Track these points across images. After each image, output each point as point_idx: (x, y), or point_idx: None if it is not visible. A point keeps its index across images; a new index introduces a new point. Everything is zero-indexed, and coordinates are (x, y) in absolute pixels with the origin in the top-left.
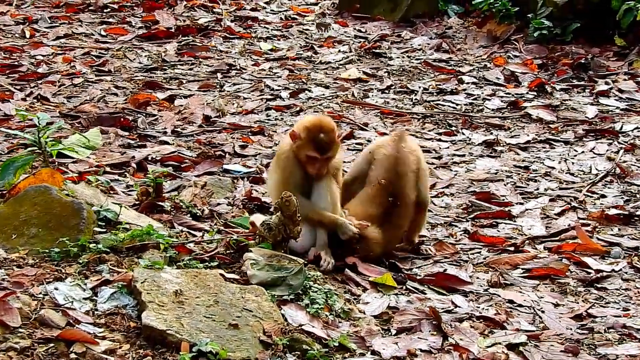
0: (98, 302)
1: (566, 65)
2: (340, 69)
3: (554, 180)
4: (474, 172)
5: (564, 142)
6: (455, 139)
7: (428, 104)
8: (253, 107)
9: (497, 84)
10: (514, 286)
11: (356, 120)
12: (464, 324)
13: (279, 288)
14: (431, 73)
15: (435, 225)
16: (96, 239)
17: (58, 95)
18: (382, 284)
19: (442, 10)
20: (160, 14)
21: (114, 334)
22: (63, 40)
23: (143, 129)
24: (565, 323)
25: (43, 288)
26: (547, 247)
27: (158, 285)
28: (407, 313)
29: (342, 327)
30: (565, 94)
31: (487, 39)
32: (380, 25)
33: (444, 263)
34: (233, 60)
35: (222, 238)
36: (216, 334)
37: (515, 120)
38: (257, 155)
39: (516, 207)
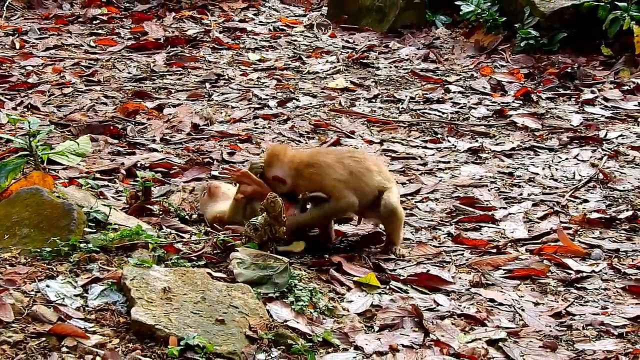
0: (88, 298)
1: (552, 74)
2: (328, 79)
3: (538, 185)
4: (459, 178)
5: (549, 149)
6: (441, 147)
7: (414, 112)
8: (241, 115)
9: (483, 93)
10: (495, 286)
11: (343, 129)
12: (445, 321)
13: (265, 286)
14: (418, 82)
15: (420, 228)
16: (86, 239)
17: (48, 104)
18: (366, 283)
19: (429, 20)
20: (149, 25)
21: (104, 328)
22: (53, 51)
23: (132, 136)
24: (544, 321)
25: (35, 285)
26: (529, 249)
27: (147, 282)
28: (389, 311)
29: (326, 323)
30: (551, 103)
31: (475, 49)
32: (368, 35)
33: (427, 264)
34: (221, 70)
35: (209, 238)
36: (203, 329)
37: (500, 128)
38: (244, 162)
39: (499, 211)
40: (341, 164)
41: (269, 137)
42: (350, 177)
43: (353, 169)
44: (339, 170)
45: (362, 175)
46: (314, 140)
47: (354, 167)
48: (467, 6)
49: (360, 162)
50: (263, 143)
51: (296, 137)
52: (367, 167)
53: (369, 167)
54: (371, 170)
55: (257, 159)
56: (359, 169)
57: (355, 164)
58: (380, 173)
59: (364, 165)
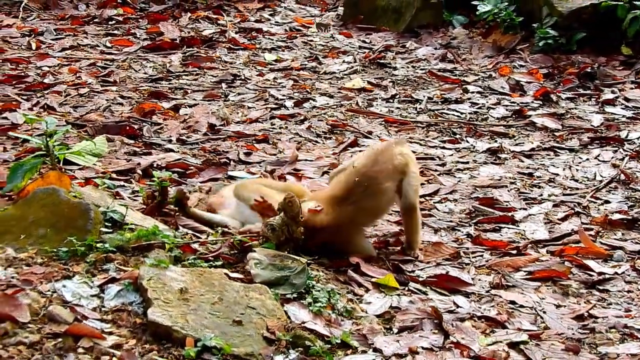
0: (105, 299)
1: (572, 74)
2: (345, 79)
3: (558, 186)
4: (478, 179)
5: (569, 149)
6: (460, 147)
7: (432, 112)
8: (257, 116)
9: (502, 93)
10: (516, 288)
11: (360, 129)
12: (465, 324)
13: (282, 287)
14: (436, 83)
15: (438, 229)
16: (103, 239)
17: (64, 105)
18: (385, 285)
19: (446, 20)
20: (165, 25)
21: (121, 329)
22: (69, 51)
23: (148, 137)
24: (566, 323)
25: (51, 286)
26: (550, 250)
27: (163, 282)
28: (409, 313)
29: (344, 325)
30: (571, 103)
31: (492, 49)
32: (384, 36)
33: (446, 265)
34: (237, 70)
35: (226, 239)
36: (220, 330)
37: (519, 129)
38: (261, 162)
39: (519, 212)
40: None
41: (286, 138)
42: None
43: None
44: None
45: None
46: (331, 140)
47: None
48: (484, 6)
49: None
50: (280, 143)
51: (313, 138)
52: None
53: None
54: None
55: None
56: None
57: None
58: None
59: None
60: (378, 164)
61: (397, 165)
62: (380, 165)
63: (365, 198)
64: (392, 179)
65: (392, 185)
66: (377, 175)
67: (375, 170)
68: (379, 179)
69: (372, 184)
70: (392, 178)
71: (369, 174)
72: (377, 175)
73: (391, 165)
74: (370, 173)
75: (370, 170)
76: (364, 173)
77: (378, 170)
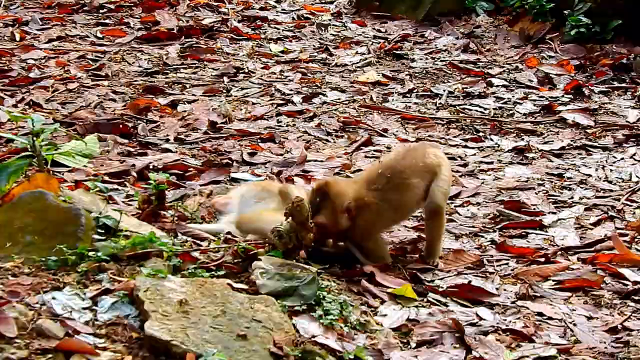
0: (98, 312)
1: (606, 65)
2: (358, 72)
3: (590, 188)
4: (503, 180)
5: (602, 148)
6: (483, 146)
7: (453, 108)
8: (262, 112)
9: (529, 86)
10: (544, 298)
11: (375, 126)
12: (489, 337)
13: (291, 298)
14: (457, 75)
15: (460, 235)
16: (95, 247)
17: (52, 101)
18: (402, 295)
19: (469, 7)
20: (161, 14)
21: (116, 344)
22: (56, 43)
23: (144, 136)
24: (598, 336)
25: (40, 297)
26: (581, 258)
27: (162, 294)
28: (428, 326)
29: (358, 339)
30: (605, 97)
31: (519, 38)
32: (401, 24)
33: (469, 275)
34: (241, 63)
35: (229, 246)
36: (223, 345)
37: (548, 125)
38: (267, 164)
39: (548, 216)
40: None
41: (294, 136)
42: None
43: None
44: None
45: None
46: (343, 139)
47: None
48: None
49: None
50: (287, 142)
51: (323, 136)
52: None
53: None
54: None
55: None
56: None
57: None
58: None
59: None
60: (407, 159)
61: (428, 164)
62: (408, 160)
63: (388, 190)
64: (421, 176)
65: (420, 182)
66: (403, 169)
67: (403, 164)
68: (405, 173)
69: (396, 176)
70: (421, 176)
71: (395, 166)
72: (403, 169)
73: (422, 162)
74: (396, 166)
75: (398, 163)
76: (390, 166)
77: (406, 165)
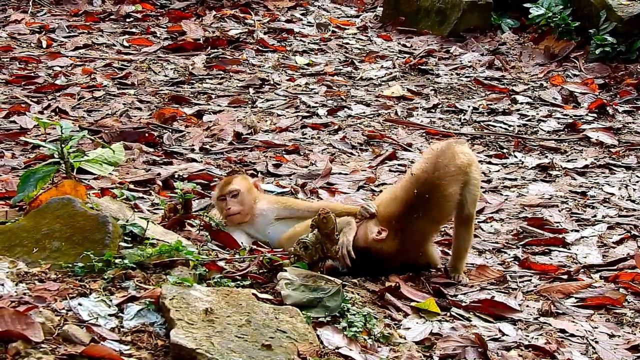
0: (124, 319)
1: (630, 85)
2: (383, 86)
3: (613, 207)
4: (526, 197)
5: (626, 167)
6: (507, 162)
7: (478, 124)
8: (287, 124)
9: (553, 104)
10: (566, 315)
11: (399, 140)
12: (511, 353)
13: (315, 309)
14: (482, 92)
15: (483, 251)
16: (122, 254)
17: (77, 108)
18: (425, 309)
19: (495, 24)
20: (188, 24)
21: (141, 351)
22: (82, 50)
23: (169, 145)
24: (620, 354)
25: (66, 303)
26: (604, 276)
27: (187, 302)
28: (450, 340)
29: (381, 352)
30: (629, 117)
31: (544, 56)
32: (427, 39)
33: (492, 290)
34: (266, 74)
35: (254, 256)
36: (248, 355)
37: (572, 144)
38: (291, 175)
39: (571, 234)
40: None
41: (318, 149)
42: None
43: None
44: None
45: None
46: (368, 152)
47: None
48: (537, 9)
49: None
50: (312, 155)
51: (348, 149)
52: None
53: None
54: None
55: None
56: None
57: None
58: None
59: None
60: (439, 168)
61: (460, 166)
62: (441, 170)
63: (430, 210)
64: (456, 181)
65: (456, 188)
66: (439, 182)
67: (437, 176)
68: (441, 187)
69: (434, 192)
70: (456, 180)
71: (430, 181)
72: (439, 182)
73: (454, 166)
74: (431, 180)
75: (431, 176)
76: (424, 181)
77: (440, 176)
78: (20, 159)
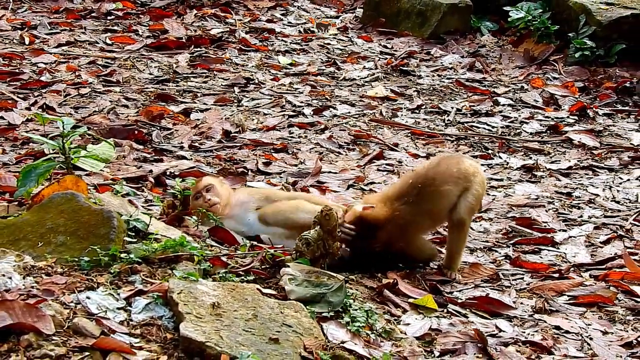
0: (132, 312)
1: (609, 88)
2: (366, 87)
3: (599, 207)
4: (513, 197)
5: (608, 169)
6: (492, 163)
7: (462, 125)
8: (274, 123)
9: (535, 106)
10: (560, 313)
11: (386, 140)
12: (509, 348)
13: (318, 305)
14: (464, 93)
15: (475, 249)
16: (127, 249)
17: (64, 105)
18: (423, 306)
19: (474, 27)
20: (169, 22)
21: (151, 344)
22: (65, 47)
23: (158, 142)
24: (615, 350)
25: (75, 297)
26: (593, 275)
27: (195, 296)
28: (450, 335)
29: (384, 346)
30: (609, 119)
31: (524, 58)
32: (407, 41)
33: (485, 287)
34: (250, 74)
35: (257, 252)
36: (257, 348)
37: (555, 145)
38: (282, 173)
39: (559, 234)
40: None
41: (306, 147)
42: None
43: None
44: None
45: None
46: (355, 152)
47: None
48: (516, 12)
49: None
50: (300, 154)
51: (335, 149)
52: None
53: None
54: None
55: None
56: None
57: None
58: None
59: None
60: (440, 166)
61: (463, 171)
62: (443, 168)
63: (421, 200)
64: (455, 183)
65: (453, 189)
66: (435, 176)
67: (436, 172)
68: (437, 180)
69: (428, 185)
70: (455, 182)
71: (427, 174)
72: (435, 177)
73: (455, 169)
74: (428, 174)
75: (430, 171)
76: (422, 174)
77: (438, 172)
78: (11, 154)
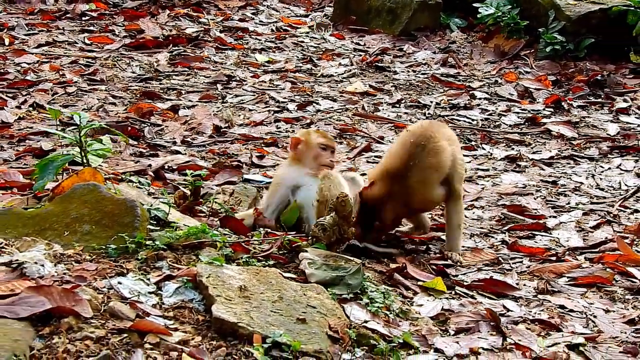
0: (163, 296)
1: (581, 82)
2: (344, 82)
3: (584, 195)
4: (501, 186)
5: (589, 158)
6: (477, 154)
7: (442, 118)
8: (261, 118)
9: (510, 99)
10: (562, 293)
11: (371, 134)
12: (519, 326)
13: (338, 287)
14: (440, 88)
15: (472, 235)
16: (152, 237)
17: (53, 103)
18: (432, 288)
19: (444, 24)
20: (145, 22)
21: (184, 326)
22: (45, 48)
23: (151, 138)
24: (619, 327)
25: (107, 282)
26: (588, 257)
27: (222, 280)
28: (463, 315)
29: (402, 325)
30: (583, 111)
31: (494, 54)
32: (379, 38)
33: (488, 271)
34: (230, 71)
35: (274, 239)
36: (286, 328)
37: (535, 136)
38: (275, 166)
39: (550, 220)
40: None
41: None
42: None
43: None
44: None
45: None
46: (343, 145)
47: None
48: (486, 9)
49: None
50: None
51: None
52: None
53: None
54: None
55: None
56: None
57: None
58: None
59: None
60: (432, 126)
61: (449, 133)
62: (434, 127)
63: (425, 157)
64: (448, 141)
65: (447, 146)
66: (433, 134)
67: (431, 130)
68: (435, 138)
69: (429, 141)
70: (448, 140)
71: (425, 133)
72: (433, 133)
73: (444, 129)
74: (426, 132)
75: (426, 129)
76: (420, 133)
77: (434, 130)
78: (10, 151)
